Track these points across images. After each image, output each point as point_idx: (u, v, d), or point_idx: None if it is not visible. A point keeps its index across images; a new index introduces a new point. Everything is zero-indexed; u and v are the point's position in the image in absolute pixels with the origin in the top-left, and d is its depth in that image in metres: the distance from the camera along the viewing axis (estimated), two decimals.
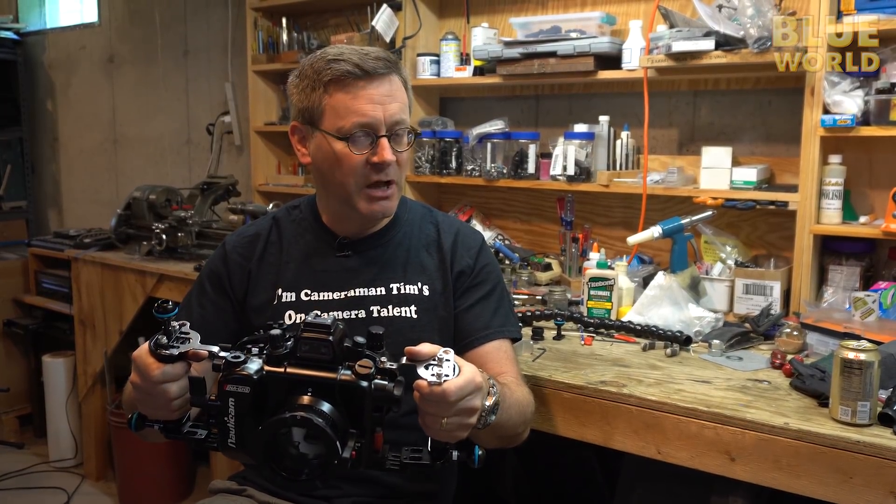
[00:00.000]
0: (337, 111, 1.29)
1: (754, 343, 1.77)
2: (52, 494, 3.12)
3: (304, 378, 0.97)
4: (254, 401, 0.97)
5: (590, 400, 1.49)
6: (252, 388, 0.96)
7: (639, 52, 2.12)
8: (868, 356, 1.26)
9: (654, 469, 1.49)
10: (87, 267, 3.06)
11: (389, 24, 2.57)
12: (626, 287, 1.96)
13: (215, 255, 1.47)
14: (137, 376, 1.03)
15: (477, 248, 1.45)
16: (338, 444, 0.95)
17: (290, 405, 0.95)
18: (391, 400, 0.97)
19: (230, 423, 0.98)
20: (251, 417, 0.97)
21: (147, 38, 3.87)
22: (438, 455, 1.05)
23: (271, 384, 0.97)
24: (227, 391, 0.96)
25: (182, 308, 1.44)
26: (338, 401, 0.97)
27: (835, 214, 1.87)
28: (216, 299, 1.42)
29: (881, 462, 1.20)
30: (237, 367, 0.97)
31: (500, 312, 1.42)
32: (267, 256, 1.42)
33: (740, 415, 1.33)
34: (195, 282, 1.49)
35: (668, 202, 2.23)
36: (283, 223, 1.46)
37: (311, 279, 1.39)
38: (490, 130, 2.46)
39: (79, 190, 4.40)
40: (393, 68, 1.31)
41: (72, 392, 3.31)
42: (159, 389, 1.01)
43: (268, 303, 1.38)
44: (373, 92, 1.28)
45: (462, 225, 1.51)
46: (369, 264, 1.40)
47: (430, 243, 1.44)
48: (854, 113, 1.78)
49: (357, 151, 1.29)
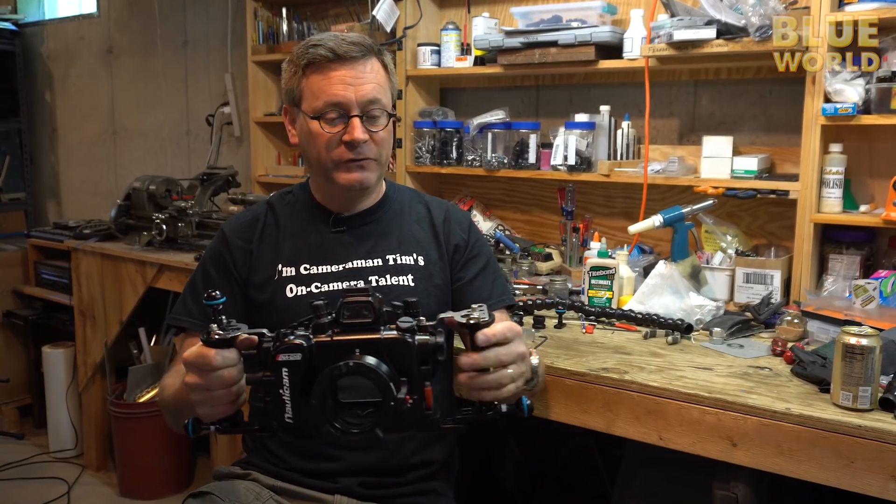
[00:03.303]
0: (313, 92, 1.37)
1: (755, 331, 1.78)
2: (52, 485, 3.13)
3: (350, 342, 0.99)
4: (306, 370, 0.98)
5: (591, 387, 1.50)
6: (303, 355, 0.98)
7: (640, 41, 2.12)
8: (870, 341, 1.27)
9: (655, 455, 1.49)
10: (87, 257, 3.06)
11: (390, 13, 2.56)
12: (626, 276, 1.96)
13: (215, 241, 1.52)
14: (195, 373, 1.02)
15: (468, 224, 1.56)
16: (391, 385, 0.97)
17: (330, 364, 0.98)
18: (436, 349, 1.00)
19: (285, 396, 0.99)
20: (303, 391, 0.99)
21: (146, 29, 3.86)
22: (488, 407, 1.07)
23: (319, 353, 0.99)
24: (280, 361, 0.98)
25: (188, 298, 1.48)
26: (385, 359, 0.99)
27: (835, 203, 1.88)
28: (223, 282, 1.45)
29: (882, 446, 1.21)
30: (286, 338, 0.99)
31: (498, 283, 1.53)
32: (265, 237, 1.48)
33: (742, 400, 1.34)
34: (197, 271, 1.52)
35: (669, 192, 2.23)
36: (277, 206, 1.53)
37: (309, 254, 1.45)
38: (491, 120, 2.46)
39: (78, 181, 4.39)
40: (369, 52, 1.38)
41: (72, 383, 3.31)
42: (220, 377, 1.01)
43: (269, 279, 1.43)
44: (345, 74, 1.35)
45: (450, 204, 1.61)
46: (364, 238, 1.47)
47: (421, 219, 1.52)
48: (855, 101, 1.78)
49: (329, 130, 1.37)
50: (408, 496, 1.43)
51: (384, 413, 0.98)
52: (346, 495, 1.39)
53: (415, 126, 2.61)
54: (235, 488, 1.38)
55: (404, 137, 2.62)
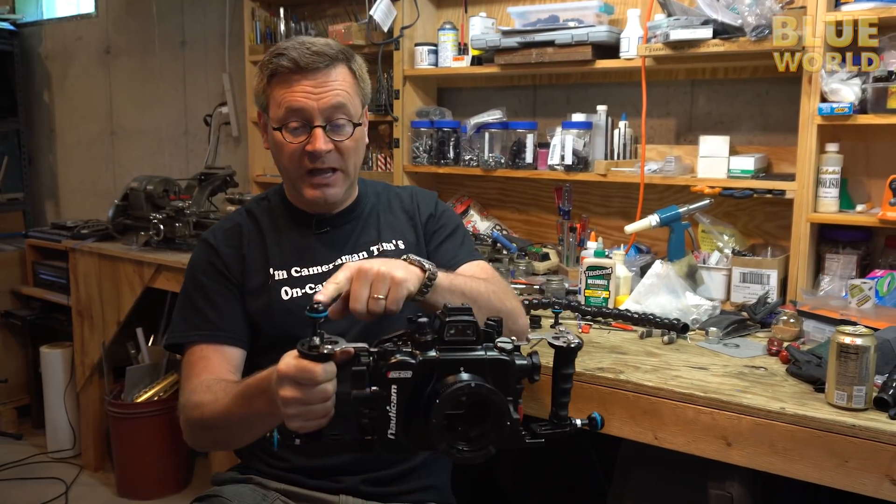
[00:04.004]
0: (276, 101, 1.37)
1: (751, 331, 1.78)
2: (50, 485, 3.12)
3: (457, 360, 1.00)
4: (414, 387, 0.99)
5: (587, 386, 1.50)
6: (413, 373, 0.98)
7: (636, 41, 2.12)
8: (864, 341, 1.27)
9: (650, 455, 1.50)
10: (85, 258, 3.06)
11: (387, 13, 2.56)
12: (623, 276, 1.96)
13: (201, 253, 1.48)
14: (293, 387, 0.97)
15: (434, 200, 1.58)
16: (510, 406, 0.99)
17: (449, 383, 0.98)
18: (534, 370, 1.03)
19: (391, 413, 0.99)
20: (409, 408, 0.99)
21: (144, 29, 3.86)
22: (564, 422, 1.12)
23: (424, 370, 0.99)
24: (390, 378, 0.98)
25: (188, 313, 1.43)
26: (487, 378, 1.00)
27: (832, 203, 1.88)
28: (221, 289, 1.42)
29: (876, 446, 1.21)
30: (393, 356, 0.99)
31: (466, 246, 1.55)
32: (252, 244, 1.47)
33: (737, 400, 1.34)
34: (187, 287, 1.46)
35: (666, 191, 2.23)
36: (256, 213, 1.51)
37: (298, 256, 1.45)
38: (488, 120, 2.46)
39: (76, 181, 4.39)
40: (335, 60, 1.37)
41: (70, 383, 3.31)
42: (321, 391, 0.98)
43: (263, 284, 1.43)
44: (307, 84, 1.35)
45: (415, 187, 1.65)
46: (346, 236, 1.48)
47: (394, 207, 1.55)
48: (851, 101, 1.78)
49: (291, 140, 1.37)
50: (413, 492, 1.44)
51: (502, 432, 1.00)
52: (351, 494, 1.39)
53: (412, 126, 2.61)
54: (242, 491, 1.38)
55: (401, 137, 2.62)
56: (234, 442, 1.34)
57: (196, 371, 1.35)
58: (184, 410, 1.31)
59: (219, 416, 1.22)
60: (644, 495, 1.60)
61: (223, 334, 1.39)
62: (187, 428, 1.32)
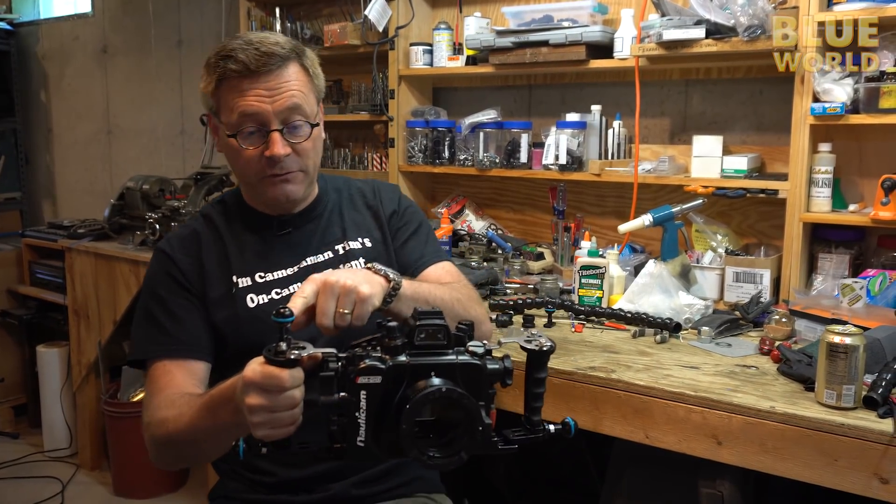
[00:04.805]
0: (228, 106, 1.30)
1: (743, 330, 1.78)
2: (46, 484, 3.13)
3: (427, 364, 0.98)
4: (384, 392, 0.97)
5: (579, 385, 1.50)
6: (383, 378, 0.96)
7: (630, 40, 2.12)
8: (853, 340, 1.27)
9: (642, 454, 1.50)
10: (81, 257, 3.06)
11: (382, 13, 2.57)
12: (617, 275, 1.97)
13: (157, 264, 1.40)
14: (259, 394, 0.94)
15: (398, 194, 1.56)
16: (482, 411, 0.97)
17: (419, 388, 0.97)
18: (506, 374, 1.01)
19: (360, 419, 0.97)
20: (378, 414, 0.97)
21: (140, 29, 3.86)
22: (537, 428, 1.08)
23: (393, 375, 0.97)
24: (359, 384, 0.96)
25: (148, 328, 1.35)
26: (458, 382, 0.99)
27: (824, 202, 1.88)
28: (182, 302, 1.35)
29: (865, 444, 1.21)
30: (362, 361, 0.97)
31: (431, 244, 1.52)
32: (211, 250, 1.40)
33: (727, 399, 1.35)
34: (145, 302, 1.38)
35: (660, 191, 2.24)
36: (214, 218, 1.44)
37: (260, 261, 1.39)
38: (483, 120, 2.46)
39: (73, 181, 4.39)
40: (286, 60, 1.29)
41: (66, 382, 3.32)
42: (288, 397, 0.95)
43: (227, 293, 1.36)
44: (259, 87, 1.27)
45: (376, 180, 1.58)
46: (309, 235, 1.43)
47: (356, 203, 1.51)
48: (843, 101, 1.79)
49: (247, 146, 1.30)
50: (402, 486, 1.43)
51: (473, 437, 0.97)
52: (343, 501, 1.37)
53: (407, 126, 2.62)
54: None
55: (397, 137, 2.63)
56: (200, 457, 1.28)
57: (159, 387, 1.28)
58: (149, 428, 1.26)
59: (183, 431, 1.17)
60: (636, 494, 1.60)
61: (185, 348, 1.32)
62: (152, 446, 1.27)
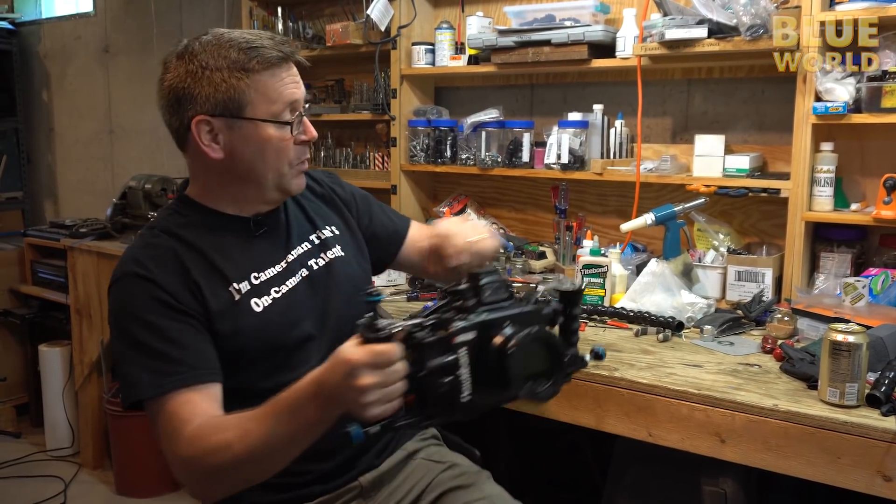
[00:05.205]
0: (268, 96, 1.29)
1: (746, 329, 1.79)
2: (48, 483, 3.14)
3: (504, 317, 1.07)
4: (477, 348, 1.03)
5: (582, 384, 1.51)
6: (477, 333, 1.03)
7: (632, 40, 2.13)
8: (856, 338, 1.28)
9: (645, 452, 1.51)
10: (83, 256, 3.06)
11: (385, 13, 2.57)
12: (619, 274, 1.97)
13: (138, 291, 1.25)
14: (371, 372, 0.97)
15: (339, 179, 1.59)
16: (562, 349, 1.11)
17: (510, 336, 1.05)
18: (555, 315, 1.14)
19: (462, 377, 1.02)
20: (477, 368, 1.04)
21: (142, 28, 3.86)
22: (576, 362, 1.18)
23: (482, 328, 1.05)
24: (457, 343, 1.02)
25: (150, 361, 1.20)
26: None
27: (826, 202, 1.88)
28: (180, 325, 1.24)
29: (868, 442, 1.22)
30: (450, 323, 1.03)
31: (390, 212, 1.62)
32: (197, 263, 1.31)
33: (730, 397, 1.35)
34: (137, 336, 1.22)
35: (662, 190, 2.24)
36: (178, 231, 1.34)
37: (249, 263, 1.35)
38: (485, 119, 2.47)
39: (75, 180, 4.40)
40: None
41: (68, 381, 3.32)
42: (397, 370, 0.99)
43: (230, 302, 1.29)
44: (292, 74, 1.33)
45: (312, 170, 1.53)
46: (284, 230, 1.43)
47: (309, 197, 1.51)
48: (846, 100, 1.79)
49: (295, 132, 1.33)
50: None
51: (561, 367, 1.10)
52: (368, 471, 1.40)
53: (409, 125, 2.62)
54: None
55: (399, 136, 2.63)
56: (265, 473, 1.16)
57: (183, 419, 1.16)
58: (193, 463, 1.13)
59: (256, 447, 1.08)
60: (639, 492, 1.61)
61: (199, 373, 1.21)
62: (203, 479, 1.16)
